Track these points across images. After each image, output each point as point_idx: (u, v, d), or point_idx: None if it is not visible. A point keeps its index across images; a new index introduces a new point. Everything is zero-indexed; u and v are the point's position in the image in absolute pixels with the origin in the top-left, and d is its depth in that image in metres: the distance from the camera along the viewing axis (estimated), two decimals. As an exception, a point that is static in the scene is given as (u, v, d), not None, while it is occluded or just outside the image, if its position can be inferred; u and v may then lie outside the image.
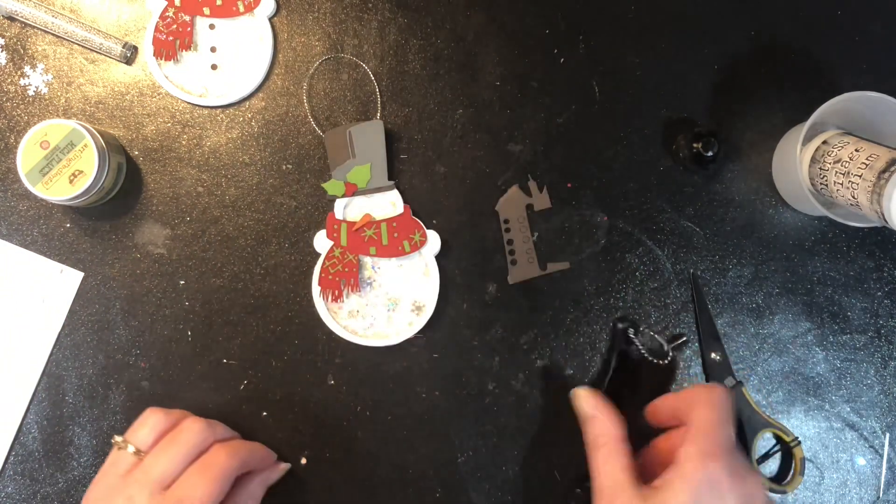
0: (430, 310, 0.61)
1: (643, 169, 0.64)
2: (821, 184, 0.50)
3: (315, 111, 0.63)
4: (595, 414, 0.52)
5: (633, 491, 0.47)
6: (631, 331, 0.62)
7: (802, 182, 0.56)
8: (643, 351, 0.62)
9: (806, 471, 0.62)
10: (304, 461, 0.61)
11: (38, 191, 0.56)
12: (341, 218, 0.61)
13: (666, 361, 0.62)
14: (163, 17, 0.62)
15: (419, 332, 0.61)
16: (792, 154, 0.58)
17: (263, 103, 0.63)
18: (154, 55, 0.62)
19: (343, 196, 0.61)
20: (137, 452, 0.52)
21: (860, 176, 0.43)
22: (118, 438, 0.53)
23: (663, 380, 0.63)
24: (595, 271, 0.63)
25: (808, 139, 0.60)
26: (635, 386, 0.62)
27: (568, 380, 0.62)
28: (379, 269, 0.62)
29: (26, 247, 0.61)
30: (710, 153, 0.60)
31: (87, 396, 0.61)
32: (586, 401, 0.53)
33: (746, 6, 0.64)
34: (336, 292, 0.61)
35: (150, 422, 0.53)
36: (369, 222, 0.61)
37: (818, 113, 0.56)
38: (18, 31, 0.62)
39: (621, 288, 0.63)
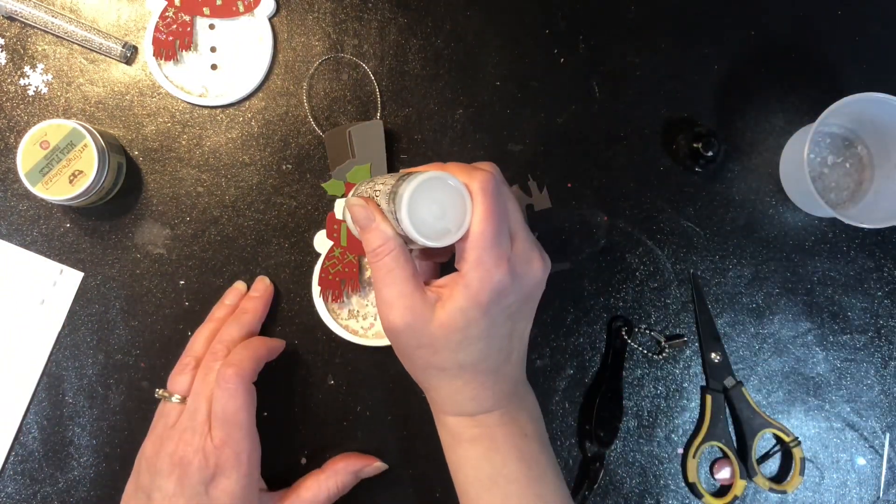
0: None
1: (643, 169, 0.64)
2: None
3: (315, 111, 0.63)
4: (371, 224, 0.47)
5: (420, 299, 0.46)
6: (625, 329, 0.62)
7: (809, 183, 0.56)
8: (637, 347, 0.62)
9: (806, 471, 0.62)
10: (304, 461, 0.61)
11: (38, 191, 0.56)
12: (341, 218, 0.61)
13: (662, 356, 0.62)
14: (163, 17, 0.62)
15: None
16: (799, 155, 0.58)
17: (263, 103, 0.63)
18: (154, 55, 0.62)
19: (343, 196, 0.61)
20: (183, 400, 0.55)
21: (383, 183, 0.48)
22: (161, 391, 0.56)
23: (660, 377, 0.63)
24: (595, 271, 0.63)
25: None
26: (631, 383, 0.63)
27: (568, 380, 0.62)
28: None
29: (26, 247, 0.61)
30: (710, 153, 0.60)
31: (87, 396, 0.61)
32: (361, 209, 0.48)
33: (746, 6, 0.64)
34: (336, 292, 0.61)
35: (186, 368, 0.57)
36: (369, 222, 0.61)
37: (825, 114, 0.56)
38: (18, 31, 0.62)
39: (621, 288, 0.63)
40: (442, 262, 0.55)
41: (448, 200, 0.45)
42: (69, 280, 0.61)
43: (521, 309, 0.49)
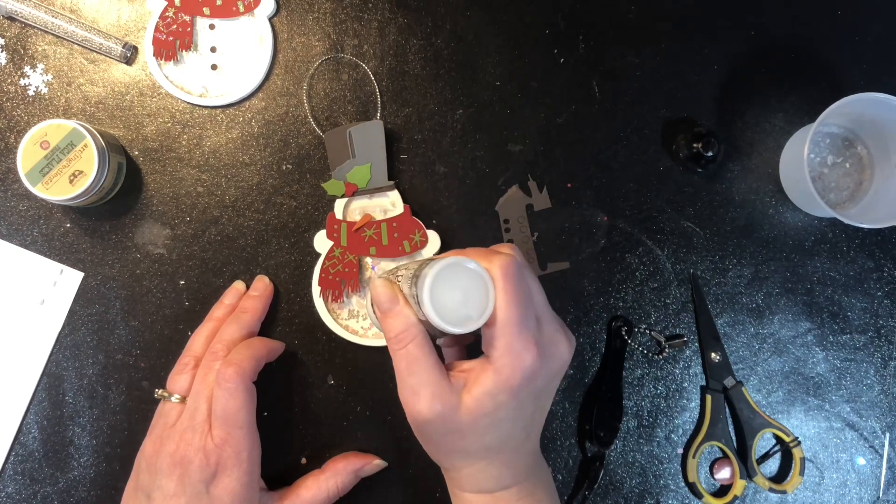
0: (430, 310, 0.61)
1: (643, 169, 0.64)
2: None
3: (315, 111, 0.63)
4: (394, 308, 0.47)
5: (446, 386, 0.46)
6: (625, 329, 0.62)
7: (809, 183, 0.56)
8: (637, 347, 0.62)
9: (806, 471, 0.62)
10: (304, 461, 0.61)
11: (38, 191, 0.56)
12: (341, 218, 0.61)
13: (662, 356, 0.62)
14: (163, 17, 0.62)
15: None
16: (799, 155, 0.58)
17: (263, 103, 0.63)
18: (154, 55, 0.62)
19: (343, 196, 0.61)
20: (182, 400, 0.55)
21: (406, 268, 0.48)
22: (161, 391, 0.56)
23: (660, 377, 0.63)
24: (595, 271, 0.63)
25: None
26: (631, 383, 0.63)
27: (568, 380, 0.62)
28: (379, 269, 0.62)
29: (26, 247, 0.61)
30: (710, 153, 0.60)
31: (87, 396, 0.61)
32: (384, 291, 0.47)
33: (746, 6, 0.64)
34: (336, 292, 0.61)
35: (185, 368, 0.57)
36: (369, 222, 0.61)
37: (825, 114, 0.56)
38: (18, 31, 0.62)
39: (621, 288, 0.63)
40: (467, 343, 0.55)
41: (470, 286, 0.44)
42: (69, 280, 0.61)
43: (546, 388, 0.48)
